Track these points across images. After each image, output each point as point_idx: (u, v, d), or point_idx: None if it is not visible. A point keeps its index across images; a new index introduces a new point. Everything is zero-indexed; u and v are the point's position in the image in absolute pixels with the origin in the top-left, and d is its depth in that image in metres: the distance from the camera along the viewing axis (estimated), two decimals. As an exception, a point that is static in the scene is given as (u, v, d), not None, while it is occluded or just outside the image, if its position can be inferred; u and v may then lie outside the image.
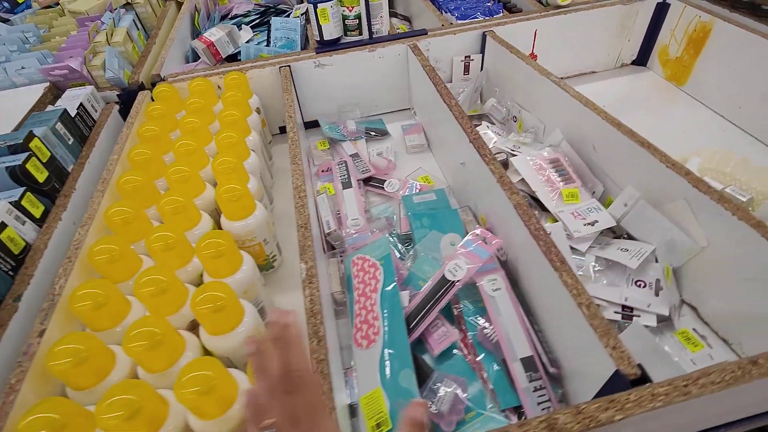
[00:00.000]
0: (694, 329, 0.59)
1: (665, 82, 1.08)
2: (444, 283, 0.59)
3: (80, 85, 0.89)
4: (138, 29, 1.07)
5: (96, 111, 0.85)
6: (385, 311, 0.60)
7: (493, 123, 0.95)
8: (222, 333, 0.52)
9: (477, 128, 0.87)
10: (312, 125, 1.05)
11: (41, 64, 0.87)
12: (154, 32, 1.14)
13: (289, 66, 0.94)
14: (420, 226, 0.73)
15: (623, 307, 0.61)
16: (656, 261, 0.62)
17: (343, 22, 0.97)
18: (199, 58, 1.13)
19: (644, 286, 0.62)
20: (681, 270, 0.63)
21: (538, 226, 0.54)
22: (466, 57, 1.01)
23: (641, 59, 1.13)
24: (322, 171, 0.91)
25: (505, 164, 0.78)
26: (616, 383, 0.41)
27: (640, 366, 0.40)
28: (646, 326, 0.59)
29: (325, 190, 0.81)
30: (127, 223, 0.62)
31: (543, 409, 0.50)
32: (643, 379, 0.40)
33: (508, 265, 0.63)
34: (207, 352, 0.54)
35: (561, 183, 0.72)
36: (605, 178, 0.72)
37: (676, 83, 1.06)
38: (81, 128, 0.79)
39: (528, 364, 0.53)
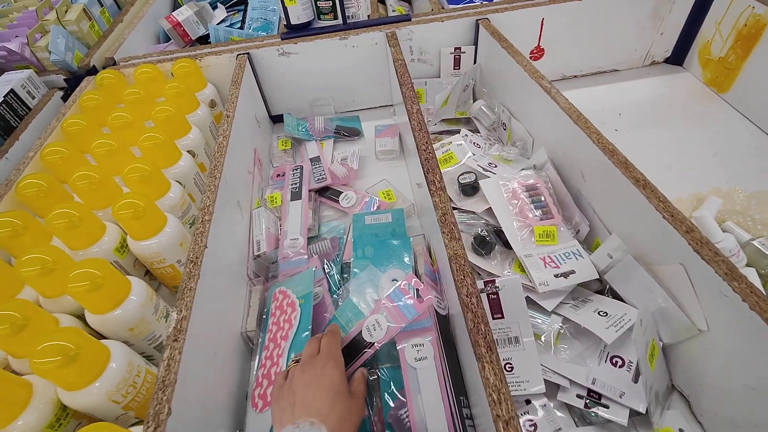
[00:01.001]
0: (680, 430, 0.45)
1: (703, 87, 0.89)
2: (360, 343, 0.48)
3: (25, 68, 0.82)
4: (102, 5, 0.98)
5: (34, 98, 0.78)
6: (290, 367, 0.50)
7: (476, 131, 0.81)
8: (78, 388, 0.44)
9: (453, 138, 0.73)
10: (279, 119, 0.94)
11: (-18, 43, 0.80)
12: (125, 9, 1.06)
13: (248, 53, 0.83)
14: (362, 255, 0.62)
15: (589, 391, 0.48)
16: (641, 334, 0.48)
17: (315, 3, 0.85)
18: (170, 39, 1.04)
19: (621, 366, 0.49)
20: (674, 348, 0.48)
21: (471, 290, 0.41)
22: (456, 49, 0.86)
23: (677, 57, 0.93)
24: (277, 175, 0.81)
25: (475, 188, 0.65)
26: None
27: None
28: (613, 422, 0.46)
29: (262, 204, 0.71)
30: (17, 235, 0.55)
31: None
32: None
33: (451, 323, 0.51)
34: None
35: (536, 218, 0.58)
36: (593, 215, 0.58)
37: (716, 89, 0.86)
38: (7, 118, 0.72)
39: None
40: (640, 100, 0.88)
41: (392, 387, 0.47)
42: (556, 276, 0.54)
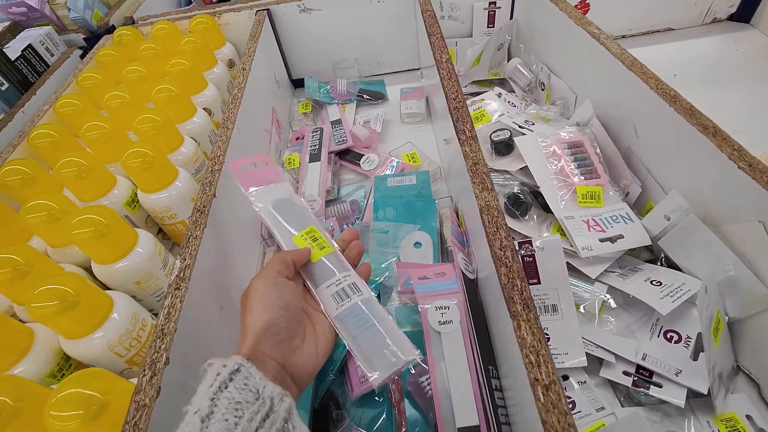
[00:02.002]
0: (748, 416, 0.39)
1: (774, 45, 0.78)
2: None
3: (45, 26, 0.81)
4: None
5: (53, 55, 0.76)
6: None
7: (512, 91, 0.74)
8: (78, 336, 0.41)
9: (485, 95, 0.67)
10: (301, 83, 0.90)
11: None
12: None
13: (267, 9, 0.78)
14: (382, 217, 0.57)
15: (638, 368, 0.42)
16: (705, 306, 0.42)
17: (340, -45, 0.79)
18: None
19: (677, 341, 0.42)
20: (742, 323, 0.42)
21: (505, 244, 0.36)
22: (490, 4, 0.79)
23: (743, 13, 0.83)
24: (296, 138, 0.77)
25: (509, 146, 0.58)
26: None
27: None
28: (668, 403, 0.40)
29: (279, 163, 0.67)
30: (26, 185, 0.53)
31: None
32: None
33: (478, 287, 0.46)
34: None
35: (579, 177, 0.52)
36: (646, 175, 0.51)
37: (789, 47, 0.76)
38: (24, 73, 0.70)
39: None
40: (700, 60, 0.79)
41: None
42: (602, 240, 0.47)
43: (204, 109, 0.69)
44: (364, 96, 0.84)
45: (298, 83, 0.92)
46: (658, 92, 0.46)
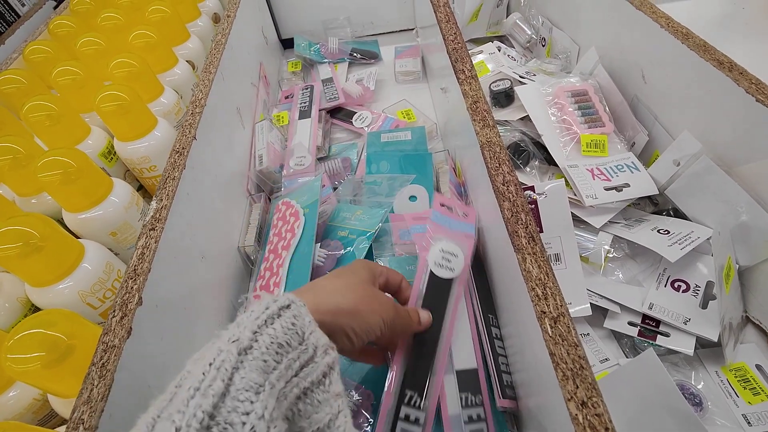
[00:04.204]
0: (758, 366, 0.37)
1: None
2: (439, 285, 0.38)
3: (16, -24, 0.75)
4: None
5: (24, 5, 0.71)
6: (290, 278, 0.43)
7: (511, 47, 0.71)
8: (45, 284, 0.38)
9: (484, 47, 0.64)
10: (291, 44, 0.86)
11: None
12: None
13: (254, -41, 0.74)
14: (376, 171, 0.54)
15: (644, 318, 0.40)
16: (719, 249, 0.39)
17: None
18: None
19: (685, 290, 0.40)
20: (753, 271, 0.40)
21: (508, 179, 0.33)
22: (490, -44, 0.75)
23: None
24: (285, 97, 0.73)
25: (509, 96, 0.55)
26: (575, 471, 0.22)
27: (624, 452, 0.21)
28: (676, 353, 0.38)
29: (267, 118, 0.63)
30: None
31: None
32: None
33: (478, 235, 0.43)
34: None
35: (583, 126, 0.49)
36: (653, 123, 0.48)
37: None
38: (-8, 22, 0.65)
39: (467, 380, 0.34)
40: (706, 19, 0.76)
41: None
42: (607, 189, 0.45)
43: (187, 61, 0.65)
44: (357, 55, 0.80)
45: (287, 44, 0.88)
46: (669, 30, 0.43)
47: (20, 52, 0.61)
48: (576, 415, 0.22)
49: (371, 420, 0.36)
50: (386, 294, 0.34)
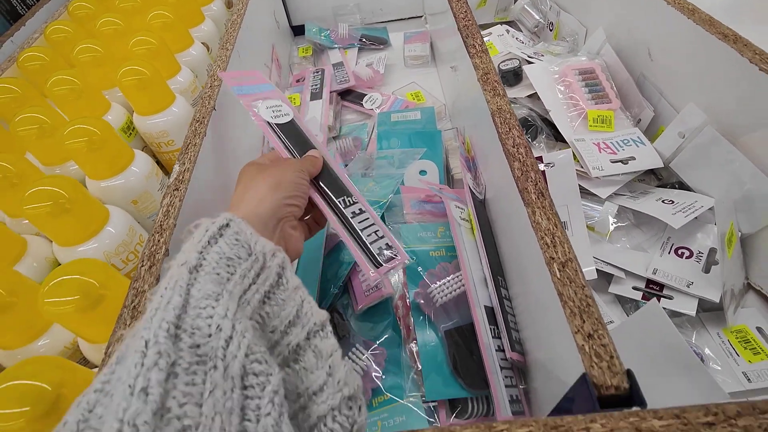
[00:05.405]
0: (758, 328, 0.39)
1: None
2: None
3: (35, -39, 0.77)
4: None
5: (43, -11, 0.73)
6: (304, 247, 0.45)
7: (519, 31, 0.72)
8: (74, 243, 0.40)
9: (492, 29, 0.65)
10: (301, 31, 0.87)
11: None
12: None
13: (267, -55, 0.75)
14: (386, 147, 0.56)
15: (648, 282, 0.41)
16: (722, 214, 0.41)
17: None
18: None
19: (688, 257, 0.41)
20: (755, 238, 0.41)
21: (518, 141, 0.35)
22: (498, -58, 0.76)
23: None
24: (297, 81, 0.75)
25: (518, 75, 0.57)
26: (581, 397, 0.23)
27: (629, 374, 0.22)
28: (680, 314, 0.39)
29: (281, 97, 0.65)
30: (15, 103, 0.51)
31: (510, 394, 0.33)
32: (630, 397, 0.22)
33: (486, 206, 0.45)
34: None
35: (590, 102, 0.50)
36: (659, 99, 0.49)
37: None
38: (14, 4, 0.67)
39: (491, 316, 0.36)
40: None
41: (419, 270, 0.41)
42: (613, 162, 0.46)
43: (202, 43, 0.66)
44: (366, 41, 0.81)
45: (297, 31, 0.89)
46: (675, 6, 0.45)
47: (41, 32, 0.63)
48: (582, 345, 0.23)
49: (383, 376, 0.37)
50: None
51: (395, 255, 0.34)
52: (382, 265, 0.33)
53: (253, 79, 0.42)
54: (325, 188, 0.37)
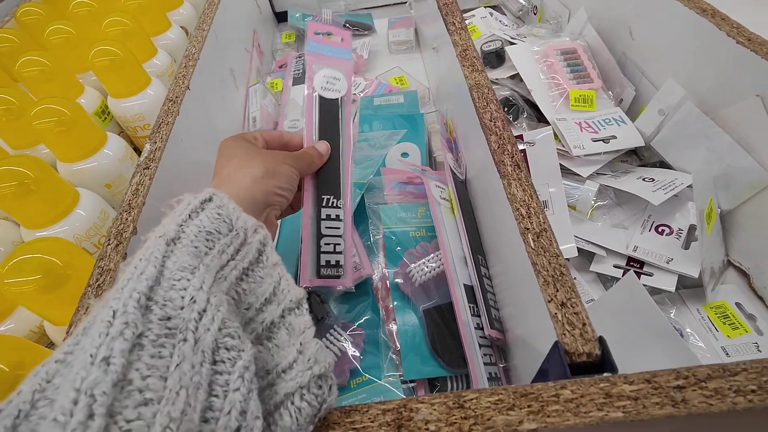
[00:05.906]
0: (737, 304, 0.39)
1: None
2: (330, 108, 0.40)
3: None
4: None
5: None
6: (282, 231, 0.44)
7: (503, 15, 0.71)
8: (41, 226, 0.38)
9: (475, 11, 0.64)
10: (284, 18, 0.86)
11: None
12: None
13: (247, -72, 0.74)
14: (368, 130, 0.55)
15: (629, 260, 0.41)
16: (701, 189, 0.40)
17: None
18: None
19: (669, 234, 0.41)
20: (734, 215, 0.41)
21: (495, 116, 0.34)
22: (482, -74, 0.76)
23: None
24: (279, 66, 0.74)
25: (500, 57, 0.56)
26: (555, 366, 0.23)
27: (600, 341, 0.22)
28: (659, 292, 0.39)
29: (261, 82, 0.64)
30: None
31: (488, 372, 0.33)
32: (602, 364, 0.22)
33: (467, 187, 0.44)
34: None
35: (572, 82, 0.50)
36: (641, 78, 0.49)
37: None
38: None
39: (470, 294, 0.36)
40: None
41: (398, 250, 0.40)
42: (594, 140, 0.46)
43: (180, 27, 0.65)
44: (351, 27, 0.80)
45: (281, 18, 0.88)
46: (655, -17, 0.44)
47: (11, 15, 0.61)
48: (555, 313, 0.23)
49: (361, 357, 0.37)
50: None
51: (339, 275, 0.35)
52: (320, 277, 0.34)
53: (339, 41, 0.41)
54: (318, 179, 0.37)
